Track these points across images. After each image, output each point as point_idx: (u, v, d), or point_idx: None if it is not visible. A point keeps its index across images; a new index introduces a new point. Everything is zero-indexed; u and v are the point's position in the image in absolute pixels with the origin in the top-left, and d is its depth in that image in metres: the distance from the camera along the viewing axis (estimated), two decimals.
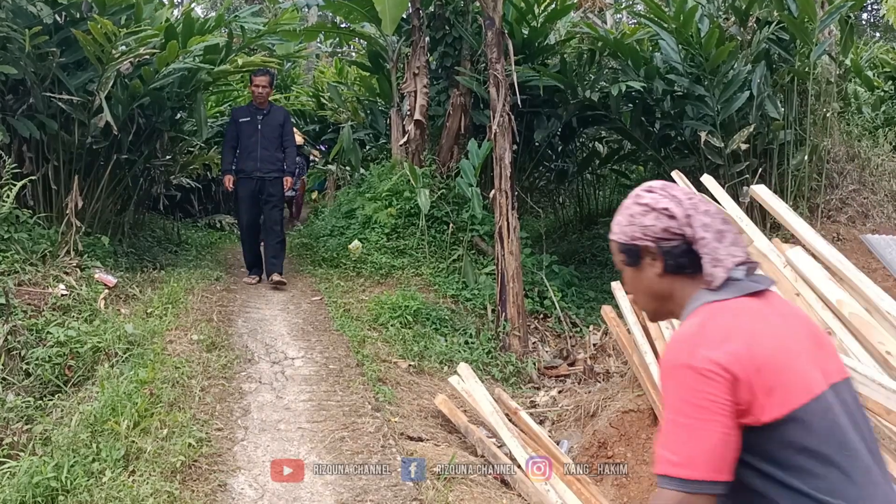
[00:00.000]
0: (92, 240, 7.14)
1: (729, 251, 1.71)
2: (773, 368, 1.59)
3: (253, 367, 5.44)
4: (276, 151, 7.75)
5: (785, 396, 1.58)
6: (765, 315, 1.69)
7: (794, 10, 6.74)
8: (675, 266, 1.75)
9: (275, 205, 7.85)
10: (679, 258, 1.74)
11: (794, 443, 1.58)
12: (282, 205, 8.24)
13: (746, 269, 1.74)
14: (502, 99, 6.91)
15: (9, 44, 6.59)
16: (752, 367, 1.57)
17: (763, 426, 1.57)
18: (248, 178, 7.69)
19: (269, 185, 7.70)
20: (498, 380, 6.21)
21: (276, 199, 7.84)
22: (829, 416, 1.61)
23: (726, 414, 1.54)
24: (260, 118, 7.73)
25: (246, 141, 7.70)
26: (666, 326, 4.82)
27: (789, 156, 6.97)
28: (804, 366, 1.64)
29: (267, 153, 7.66)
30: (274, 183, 7.72)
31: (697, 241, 1.72)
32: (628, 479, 4.34)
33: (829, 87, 7.28)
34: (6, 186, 6.37)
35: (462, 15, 8.92)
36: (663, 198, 1.79)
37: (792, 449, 1.58)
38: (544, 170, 11.02)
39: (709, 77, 7.19)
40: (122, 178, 8.08)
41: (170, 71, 7.50)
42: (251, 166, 7.66)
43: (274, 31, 8.73)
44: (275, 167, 7.73)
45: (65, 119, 7.08)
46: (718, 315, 1.66)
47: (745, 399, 1.55)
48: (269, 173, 7.69)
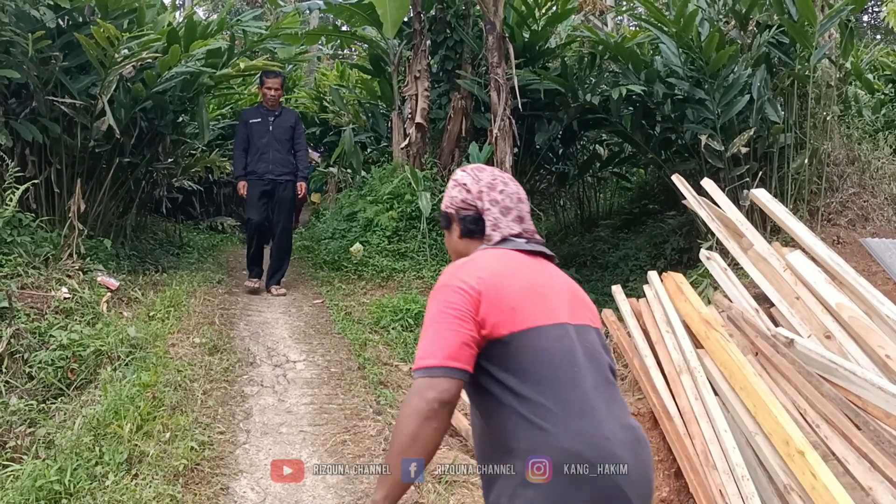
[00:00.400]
0: (94, 243, 7.16)
1: (508, 224, 2.18)
2: (516, 295, 1.97)
3: (255, 370, 5.46)
4: (287, 154, 7.65)
5: (526, 316, 1.95)
6: (524, 263, 2.10)
7: (795, 13, 6.74)
8: (467, 231, 2.21)
9: (286, 210, 7.74)
10: (470, 224, 2.20)
11: (532, 351, 1.92)
12: (293, 211, 8.06)
13: (525, 239, 2.18)
14: (503, 103, 6.94)
15: (12, 48, 6.61)
16: (494, 290, 1.95)
17: (503, 338, 1.92)
18: (260, 180, 7.58)
19: (280, 189, 7.61)
20: None
21: (288, 205, 7.73)
22: (565, 342, 1.98)
23: (467, 319, 1.91)
24: (272, 119, 7.64)
25: (257, 142, 7.59)
26: (666, 331, 4.84)
27: (789, 159, 6.98)
28: (551, 303, 2.03)
29: (279, 155, 7.57)
30: (286, 186, 7.63)
31: (484, 212, 2.19)
32: None
33: (830, 90, 7.28)
34: (9, 190, 6.39)
35: (463, 19, 8.95)
36: (467, 176, 2.26)
37: (525, 359, 1.92)
38: (545, 173, 11.04)
39: (709, 81, 7.20)
40: (124, 181, 8.10)
41: (172, 75, 7.52)
42: (263, 168, 7.56)
43: (276, 34, 8.75)
44: (287, 170, 7.63)
45: (67, 123, 7.10)
46: (483, 255, 2.11)
47: (485, 313, 1.92)
48: (281, 176, 7.59)
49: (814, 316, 4.52)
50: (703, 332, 4.54)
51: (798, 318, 4.60)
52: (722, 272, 5.27)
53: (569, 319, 2.04)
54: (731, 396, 4.16)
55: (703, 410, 4.20)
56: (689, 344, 4.61)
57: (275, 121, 7.63)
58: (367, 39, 10.03)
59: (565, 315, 2.03)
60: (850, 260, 5.47)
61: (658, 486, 4.23)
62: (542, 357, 1.93)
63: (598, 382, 1.98)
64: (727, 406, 4.19)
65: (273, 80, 7.70)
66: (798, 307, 4.67)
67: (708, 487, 3.86)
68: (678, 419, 4.31)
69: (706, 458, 3.96)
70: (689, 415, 4.24)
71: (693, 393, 4.32)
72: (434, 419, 1.84)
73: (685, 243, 8.35)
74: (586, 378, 1.96)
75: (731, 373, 4.18)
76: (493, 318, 1.93)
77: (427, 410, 1.84)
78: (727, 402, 4.19)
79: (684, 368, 4.49)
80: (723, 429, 4.00)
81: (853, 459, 3.53)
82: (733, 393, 4.15)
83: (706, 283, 5.86)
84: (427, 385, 1.85)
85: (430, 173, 8.47)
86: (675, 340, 4.72)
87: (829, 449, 3.63)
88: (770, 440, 3.72)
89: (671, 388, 4.51)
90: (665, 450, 4.36)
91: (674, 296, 5.05)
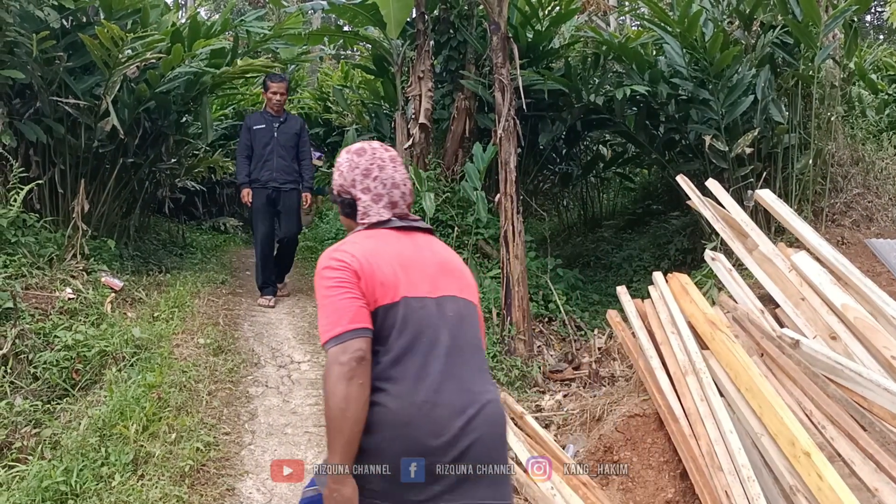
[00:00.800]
0: (98, 243, 7.17)
1: (378, 211, 2.39)
2: (383, 271, 2.20)
3: (259, 370, 5.47)
4: (292, 161, 7.47)
5: (391, 291, 2.19)
6: (395, 240, 2.34)
7: (799, 14, 6.73)
8: (344, 213, 2.47)
9: (293, 220, 7.59)
10: (346, 207, 2.45)
11: (393, 323, 2.16)
12: (298, 220, 7.83)
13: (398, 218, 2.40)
14: (507, 103, 6.92)
15: (16, 48, 6.62)
16: (367, 266, 2.19)
17: (377, 308, 2.16)
18: (263, 188, 7.40)
19: (284, 196, 7.44)
20: (503, 384, 6.22)
21: (293, 214, 7.56)
22: (422, 312, 2.20)
23: (353, 287, 2.15)
24: (276, 126, 7.44)
25: (260, 150, 7.39)
26: (671, 331, 4.84)
27: (794, 159, 6.97)
28: (415, 277, 2.25)
29: (283, 162, 7.37)
30: (290, 194, 7.46)
31: (357, 200, 2.41)
32: (634, 484, 4.35)
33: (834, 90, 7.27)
34: (13, 190, 6.40)
35: (467, 19, 8.94)
36: (346, 161, 2.47)
37: (390, 328, 2.16)
38: (548, 173, 11.03)
39: (713, 81, 7.19)
40: (127, 181, 8.11)
41: (176, 75, 7.54)
42: (266, 176, 7.38)
43: (279, 35, 8.76)
44: (291, 178, 7.46)
45: (71, 123, 7.12)
46: (357, 236, 2.36)
47: (364, 285, 2.17)
48: (285, 184, 7.42)
49: (819, 317, 4.52)
50: (709, 333, 4.53)
51: (803, 319, 4.60)
52: (727, 273, 5.26)
53: (429, 293, 2.26)
54: (736, 397, 4.16)
55: (709, 411, 4.20)
56: (694, 345, 4.61)
57: (279, 127, 7.44)
58: (370, 40, 10.02)
59: (426, 288, 2.26)
60: (855, 260, 5.46)
61: (663, 488, 4.23)
62: (398, 327, 2.17)
63: (450, 350, 2.20)
64: (733, 407, 4.18)
65: (278, 84, 7.48)
66: (803, 308, 4.67)
67: (714, 489, 3.86)
68: (683, 420, 4.31)
69: (712, 460, 3.96)
70: (695, 416, 4.24)
71: (698, 394, 4.32)
72: (356, 377, 2.05)
73: (689, 244, 8.35)
74: (436, 346, 2.19)
75: (737, 374, 4.18)
76: (369, 291, 2.18)
77: (348, 371, 2.04)
78: (733, 403, 4.19)
79: (690, 369, 4.49)
80: (728, 430, 4.00)
81: (859, 460, 3.53)
82: (739, 394, 4.15)
83: (711, 284, 5.85)
84: (340, 350, 2.06)
85: (433, 174, 8.46)
86: (680, 341, 4.72)
87: (834, 450, 3.63)
88: (776, 441, 3.72)
89: (676, 389, 4.51)
90: (670, 451, 4.36)
91: (679, 297, 5.05)
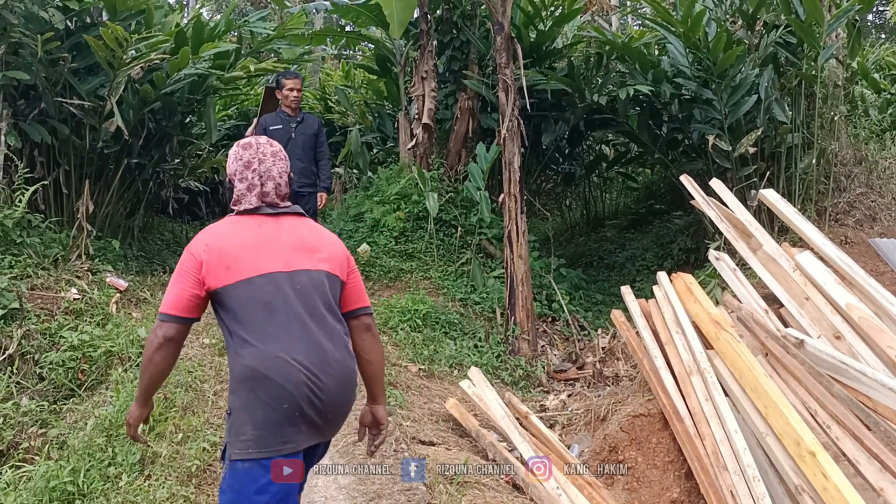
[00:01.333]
0: (103, 244, 7.18)
1: (249, 199, 2.74)
2: (233, 255, 2.59)
3: None
4: (310, 164, 7.00)
5: (238, 272, 2.57)
6: (256, 227, 2.70)
7: (802, 13, 6.74)
8: (230, 199, 2.80)
9: None
10: (230, 194, 2.81)
11: (241, 300, 2.56)
12: None
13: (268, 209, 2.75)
14: (511, 103, 6.94)
15: (21, 49, 6.64)
16: (216, 252, 2.59)
17: (219, 290, 2.56)
18: None
19: (302, 201, 6.87)
20: (508, 384, 6.24)
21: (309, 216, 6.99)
22: (268, 288, 2.58)
23: (191, 279, 2.58)
24: (293, 126, 6.93)
25: None
26: (675, 331, 4.84)
27: (797, 159, 6.98)
28: (266, 256, 2.63)
29: (301, 165, 6.85)
30: (308, 199, 6.95)
31: (234, 188, 2.78)
32: (639, 483, 4.36)
33: (837, 90, 7.27)
34: (18, 191, 6.42)
35: (470, 19, 8.95)
36: (232, 155, 2.84)
37: (240, 304, 2.56)
38: (551, 173, 11.05)
39: (716, 81, 7.20)
40: (132, 182, 8.12)
41: (181, 76, 7.54)
42: None
43: (283, 35, 8.77)
44: (309, 181, 6.98)
45: (76, 124, 7.13)
46: (223, 222, 2.74)
47: (205, 273, 2.57)
48: (303, 188, 6.93)
49: (823, 316, 4.53)
50: (713, 332, 4.54)
51: (808, 319, 4.61)
52: (731, 273, 5.27)
53: (281, 268, 2.65)
54: (741, 397, 4.17)
55: (714, 411, 4.21)
56: (698, 345, 4.62)
57: (297, 128, 6.95)
58: (373, 40, 10.04)
59: (278, 265, 2.64)
60: (859, 260, 5.47)
61: (669, 487, 4.24)
62: (246, 302, 2.56)
63: (300, 315, 2.61)
64: (738, 407, 4.19)
65: (293, 80, 7.01)
66: (808, 308, 4.67)
67: (719, 488, 3.87)
68: (688, 420, 4.32)
69: (717, 459, 3.97)
70: (700, 416, 4.25)
71: (703, 394, 4.33)
72: (161, 349, 2.59)
73: (692, 243, 8.36)
74: (285, 313, 2.59)
75: (742, 373, 4.18)
76: (212, 276, 2.57)
77: (157, 343, 2.58)
78: (738, 402, 4.20)
79: (694, 369, 4.50)
80: (733, 429, 4.01)
81: (864, 460, 3.54)
82: (744, 394, 4.16)
83: (714, 284, 5.86)
84: (159, 325, 2.58)
85: (437, 174, 8.47)
86: (684, 341, 4.73)
87: (839, 450, 3.64)
88: (781, 441, 3.73)
89: (681, 388, 4.52)
90: (675, 450, 4.37)
91: (683, 296, 5.06)
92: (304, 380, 2.55)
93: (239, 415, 2.58)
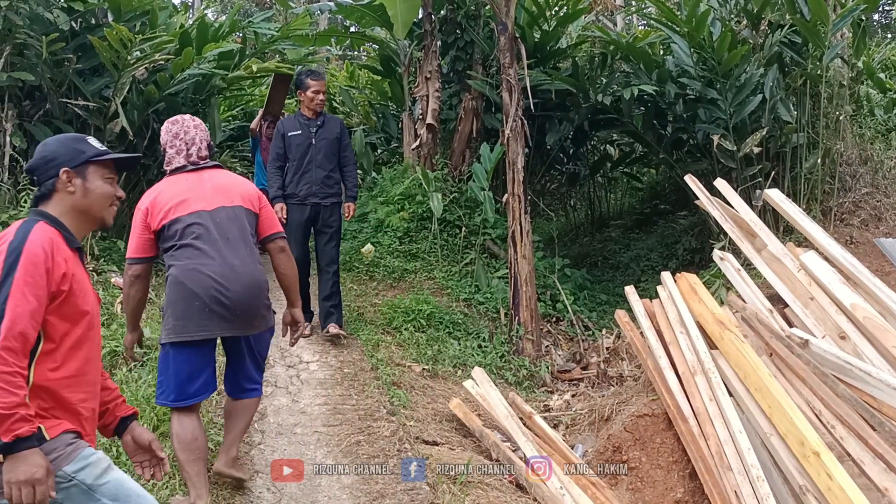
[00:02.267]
0: (107, 244, 7.20)
1: (178, 160, 3.65)
2: (168, 202, 3.50)
3: (268, 370, 5.47)
4: (333, 171, 6.26)
5: (171, 213, 3.48)
6: (184, 180, 3.61)
7: (807, 13, 6.73)
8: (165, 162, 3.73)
9: (331, 238, 6.26)
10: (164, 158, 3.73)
11: (176, 235, 3.49)
12: (339, 238, 6.53)
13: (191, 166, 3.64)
14: (515, 103, 6.93)
15: (26, 50, 6.67)
16: (154, 204, 3.51)
17: (160, 229, 3.50)
18: (301, 204, 6.17)
19: (325, 213, 6.21)
20: (511, 384, 6.23)
21: (333, 230, 6.26)
22: (197, 221, 3.50)
23: (144, 226, 3.51)
24: (314, 131, 6.20)
25: (297, 159, 6.17)
26: (680, 331, 4.84)
27: (802, 159, 6.96)
28: (193, 200, 3.52)
29: (323, 174, 6.17)
30: (332, 210, 6.25)
31: (166, 153, 3.68)
32: (643, 483, 4.35)
33: (842, 89, 7.26)
34: (24, 192, 6.44)
35: (474, 19, 8.95)
36: (164, 130, 3.73)
37: (176, 238, 3.49)
38: (556, 173, 11.03)
39: (721, 80, 7.19)
40: (136, 182, 8.14)
41: (185, 77, 7.56)
42: (305, 190, 6.15)
43: (287, 36, 8.78)
44: (332, 190, 6.26)
45: (81, 124, 7.15)
46: (161, 182, 3.66)
47: (150, 219, 3.50)
48: (326, 198, 6.21)
49: (828, 316, 4.51)
50: (718, 332, 4.54)
51: (812, 319, 4.59)
52: (735, 273, 5.26)
53: (204, 207, 3.53)
54: (745, 397, 4.16)
55: (718, 411, 4.20)
56: (703, 345, 4.61)
57: (318, 132, 6.19)
58: (377, 40, 10.04)
59: (202, 205, 3.52)
60: (864, 260, 5.46)
61: (673, 487, 4.23)
62: (178, 234, 3.48)
63: (216, 241, 3.49)
64: (742, 407, 4.19)
65: (319, 81, 6.21)
66: (812, 308, 4.66)
67: (723, 488, 3.87)
68: (692, 420, 4.31)
69: (721, 459, 3.96)
70: (704, 416, 4.24)
71: (707, 394, 4.32)
72: (133, 285, 3.59)
73: (697, 243, 8.35)
74: (207, 240, 3.48)
75: (746, 374, 4.18)
76: (154, 220, 3.49)
77: (129, 280, 3.58)
78: (742, 403, 4.19)
79: (699, 369, 4.49)
80: (738, 430, 4.00)
81: (869, 460, 3.53)
82: (748, 394, 4.15)
83: (719, 284, 5.85)
84: (127, 268, 3.57)
85: (441, 174, 8.47)
86: (689, 341, 4.72)
87: (844, 450, 3.63)
88: (785, 441, 3.73)
89: (685, 388, 4.51)
90: (679, 451, 4.36)
91: (687, 296, 5.05)
92: (213, 284, 3.48)
93: (165, 310, 3.58)
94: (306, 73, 6.38)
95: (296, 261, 5.62)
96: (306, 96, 6.22)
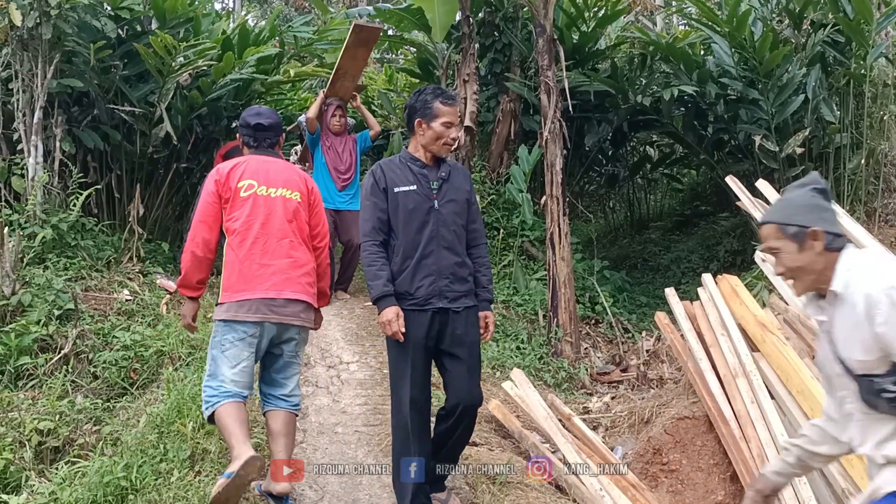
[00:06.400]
0: (153, 246, 7.36)
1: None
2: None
3: (309, 370, 5.55)
4: (463, 254, 4.05)
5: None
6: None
7: (850, 11, 6.64)
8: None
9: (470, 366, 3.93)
10: None
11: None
12: (480, 365, 4.37)
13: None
14: (553, 105, 6.93)
15: (74, 58, 6.84)
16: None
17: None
18: (420, 309, 3.88)
19: (456, 324, 3.88)
20: (550, 385, 6.24)
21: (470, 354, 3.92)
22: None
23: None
24: (436, 187, 3.77)
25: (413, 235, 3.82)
26: (721, 334, 4.81)
27: (845, 159, 6.88)
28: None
29: (454, 259, 3.85)
30: (466, 318, 3.98)
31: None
32: (684, 486, 4.34)
33: (887, 89, 7.15)
34: (73, 195, 6.61)
35: (511, 21, 8.97)
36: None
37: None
38: (594, 174, 11.00)
39: (763, 80, 7.12)
40: (180, 185, 8.30)
41: (226, 82, 7.69)
42: (428, 287, 3.95)
43: (322, 38, 8.88)
44: (464, 288, 3.95)
45: (127, 130, 7.32)
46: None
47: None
48: (457, 300, 3.98)
49: None
50: (759, 335, 4.50)
51: None
52: None
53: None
54: (787, 400, 4.13)
55: (760, 414, 4.17)
56: (744, 347, 4.57)
57: (442, 189, 3.79)
58: (415, 43, 10.11)
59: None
60: None
61: (713, 490, 4.22)
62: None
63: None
64: (784, 410, 4.15)
65: (452, 107, 3.79)
66: None
67: None
68: (734, 423, 4.28)
69: (762, 462, 3.93)
70: (745, 418, 4.21)
71: (749, 396, 4.29)
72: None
73: (738, 245, 8.26)
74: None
75: (788, 376, 4.14)
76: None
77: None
78: (784, 405, 4.16)
79: (740, 372, 4.46)
80: (779, 432, 3.97)
81: None
82: (790, 396, 4.11)
83: (761, 286, 5.80)
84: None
85: (479, 176, 8.50)
86: (730, 343, 4.69)
87: None
88: None
89: (726, 391, 4.48)
90: (720, 453, 4.34)
91: (729, 298, 5.01)
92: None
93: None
94: (433, 93, 3.81)
95: (411, 401, 3.70)
96: (432, 130, 3.74)
